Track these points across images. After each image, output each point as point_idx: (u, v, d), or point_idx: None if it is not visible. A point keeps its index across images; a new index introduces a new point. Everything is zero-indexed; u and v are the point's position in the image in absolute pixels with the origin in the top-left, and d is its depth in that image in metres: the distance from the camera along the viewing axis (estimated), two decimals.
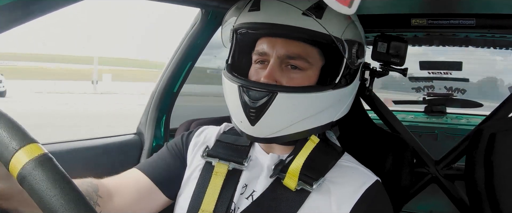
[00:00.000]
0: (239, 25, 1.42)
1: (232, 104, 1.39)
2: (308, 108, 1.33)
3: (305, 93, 1.32)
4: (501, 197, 1.75)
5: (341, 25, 1.34)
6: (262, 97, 1.29)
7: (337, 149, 1.49)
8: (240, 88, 1.33)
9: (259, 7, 1.37)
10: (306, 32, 1.30)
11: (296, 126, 1.35)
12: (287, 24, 1.30)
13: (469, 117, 4.55)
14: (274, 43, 1.37)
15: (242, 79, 1.36)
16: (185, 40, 2.20)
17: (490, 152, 1.79)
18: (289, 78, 1.35)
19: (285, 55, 1.35)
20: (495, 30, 2.24)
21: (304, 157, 1.39)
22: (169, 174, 1.54)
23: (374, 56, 1.76)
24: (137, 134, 2.30)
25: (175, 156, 1.58)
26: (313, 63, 1.37)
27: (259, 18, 1.36)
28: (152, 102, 2.28)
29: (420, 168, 2.34)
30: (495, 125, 1.87)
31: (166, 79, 2.25)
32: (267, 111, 1.29)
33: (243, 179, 1.44)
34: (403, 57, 1.69)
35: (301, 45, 1.36)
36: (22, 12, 1.07)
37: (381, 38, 1.72)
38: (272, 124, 1.33)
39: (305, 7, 1.30)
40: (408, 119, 4.38)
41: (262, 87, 1.31)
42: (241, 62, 1.50)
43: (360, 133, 1.84)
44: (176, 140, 1.64)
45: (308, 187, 1.33)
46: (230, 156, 1.48)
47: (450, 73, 4.50)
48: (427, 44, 3.66)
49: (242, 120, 1.35)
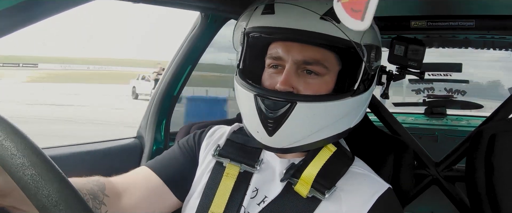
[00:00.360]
0: (252, 29, 1.37)
1: (247, 113, 1.35)
2: (327, 117, 1.29)
3: (325, 102, 1.27)
4: (502, 199, 1.75)
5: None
6: (281, 107, 1.24)
7: (348, 155, 1.45)
8: (257, 97, 1.28)
9: (273, 10, 1.31)
10: (325, 37, 1.25)
11: (316, 135, 1.31)
12: (305, 29, 1.25)
13: (469, 118, 4.55)
14: (290, 48, 1.31)
15: (258, 87, 1.31)
16: (185, 43, 2.20)
17: (490, 154, 1.79)
18: (306, 83, 1.30)
19: (302, 60, 1.30)
20: (495, 31, 2.24)
21: (319, 165, 1.35)
22: (181, 175, 1.48)
23: (391, 59, 1.72)
24: (137, 137, 2.29)
25: (187, 155, 1.52)
26: (330, 69, 1.32)
27: (275, 22, 1.30)
28: (152, 105, 2.28)
29: (421, 170, 2.34)
30: (496, 126, 1.87)
31: (166, 83, 2.25)
32: (286, 122, 1.24)
33: (253, 183, 1.40)
34: (421, 60, 1.66)
35: (318, 50, 1.30)
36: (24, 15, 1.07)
37: (399, 41, 1.69)
38: (290, 135, 1.28)
39: (323, 11, 1.25)
40: (408, 121, 4.38)
41: (280, 96, 1.25)
42: (253, 67, 1.43)
43: (361, 136, 1.84)
44: (188, 138, 1.58)
45: (320, 195, 1.30)
46: (241, 158, 1.43)
47: (450, 75, 4.50)
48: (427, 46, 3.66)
49: (259, 130, 1.30)
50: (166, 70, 2.26)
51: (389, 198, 1.34)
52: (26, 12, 1.07)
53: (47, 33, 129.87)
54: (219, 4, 1.95)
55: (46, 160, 0.70)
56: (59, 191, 0.69)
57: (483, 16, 2.06)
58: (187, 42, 2.19)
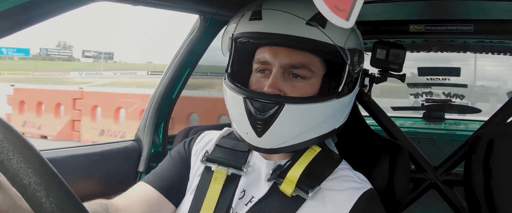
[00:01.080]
0: (240, 34, 1.41)
1: (236, 115, 1.39)
2: (314, 118, 1.34)
3: (311, 104, 1.32)
4: (500, 203, 1.75)
5: (343, 34, 1.34)
6: (269, 109, 1.28)
7: (335, 157, 1.50)
8: (246, 100, 1.32)
9: (260, 16, 1.36)
10: (311, 42, 1.30)
11: (302, 136, 1.35)
12: (291, 34, 1.30)
13: (467, 122, 4.55)
14: (277, 52, 1.36)
15: (247, 90, 1.36)
16: (183, 46, 2.20)
17: (488, 158, 1.79)
18: (293, 87, 1.35)
19: (289, 64, 1.35)
20: (493, 35, 2.25)
21: (303, 165, 1.39)
22: (176, 183, 1.53)
23: (373, 62, 1.76)
24: (135, 140, 2.29)
25: (180, 164, 1.58)
26: (315, 72, 1.37)
27: (262, 28, 1.35)
28: (150, 108, 2.28)
29: (419, 174, 2.33)
30: (494, 131, 1.87)
31: (165, 86, 2.25)
32: (274, 123, 1.29)
33: (241, 185, 1.44)
34: (402, 63, 1.70)
35: (304, 54, 1.35)
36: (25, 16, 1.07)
37: (380, 45, 1.72)
38: (279, 135, 1.33)
39: (309, 16, 1.29)
40: (406, 125, 4.38)
41: (269, 98, 1.30)
42: (241, 71, 1.49)
43: (357, 140, 1.84)
44: (179, 147, 1.64)
45: (303, 194, 1.34)
46: (229, 161, 1.48)
47: (448, 79, 4.50)
48: (425, 50, 3.66)
49: (248, 131, 1.34)
50: (165, 73, 2.26)
51: (369, 198, 1.38)
52: (26, 14, 1.07)
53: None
54: (218, 7, 1.95)
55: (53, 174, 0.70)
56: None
57: (482, 20, 2.06)
58: (186, 45, 2.19)
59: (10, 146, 0.71)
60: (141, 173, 2.21)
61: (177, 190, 1.52)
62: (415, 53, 3.59)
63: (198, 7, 1.93)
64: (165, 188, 1.50)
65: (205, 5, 1.91)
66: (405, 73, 1.72)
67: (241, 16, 1.42)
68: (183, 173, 1.56)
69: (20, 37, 54.13)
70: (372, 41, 2.61)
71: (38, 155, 0.73)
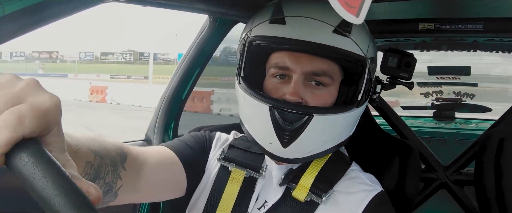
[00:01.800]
0: (259, 37, 1.36)
1: (259, 124, 1.34)
2: (337, 127, 1.33)
3: (338, 114, 1.31)
4: (511, 203, 1.74)
5: (365, 42, 1.32)
6: (298, 119, 1.25)
7: (345, 159, 1.49)
8: (272, 110, 1.27)
9: (284, 20, 1.31)
10: (337, 51, 1.27)
11: (325, 145, 1.34)
12: (318, 41, 1.26)
13: (478, 122, 4.53)
14: (299, 58, 1.31)
15: (272, 99, 1.31)
16: (193, 46, 2.20)
17: (499, 157, 1.78)
18: (314, 94, 1.32)
19: (311, 71, 1.31)
20: (504, 34, 2.23)
21: (316, 171, 1.38)
22: (195, 161, 1.47)
23: (383, 70, 1.75)
24: (145, 140, 2.30)
25: (201, 146, 1.52)
26: (335, 79, 1.35)
27: (286, 33, 1.30)
28: (160, 108, 2.29)
29: (429, 173, 2.33)
30: (505, 130, 1.86)
31: (175, 86, 2.26)
32: (303, 134, 1.26)
33: (257, 189, 1.43)
34: (412, 72, 1.69)
35: (326, 61, 1.31)
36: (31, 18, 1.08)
37: (392, 53, 1.71)
38: (305, 146, 1.30)
39: (336, 23, 1.27)
40: (416, 125, 4.37)
41: (298, 109, 1.26)
42: (254, 75, 1.42)
43: (367, 139, 1.84)
44: (200, 133, 1.58)
45: (317, 199, 1.33)
46: (246, 163, 1.45)
47: (458, 78, 4.49)
48: (435, 49, 3.64)
49: (272, 141, 1.30)
50: (175, 73, 2.27)
51: (381, 201, 1.36)
52: (34, 16, 1.08)
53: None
54: (227, 7, 1.95)
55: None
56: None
57: (492, 18, 2.05)
58: (195, 45, 2.19)
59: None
60: None
61: (194, 166, 1.46)
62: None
63: (208, 7, 1.94)
64: (185, 158, 1.43)
65: (215, 5, 1.92)
66: (413, 82, 1.71)
67: (258, 18, 1.38)
68: (201, 154, 1.50)
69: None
70: (381, 40, 2.61)
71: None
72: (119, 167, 1.17)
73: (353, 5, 0.86)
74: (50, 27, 1.15)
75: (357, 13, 0.86)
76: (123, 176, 1.18)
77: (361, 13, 0.86)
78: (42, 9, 1.09)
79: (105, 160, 1.08)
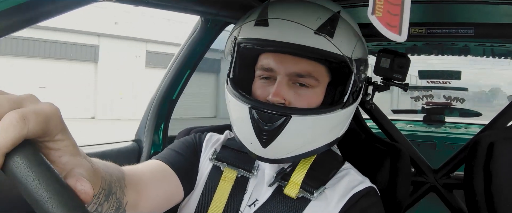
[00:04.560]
0: (244, 40, 1.38)
1: (241, 125, 1.36)
2: (319, 129, 1.33)
3: (318, 115, 1.30)
4: (500, 206, 1.75)
5: (351, 43, 1.32)
6: (276, 120, 1.26)
7: (338, 158, 1.49)
8: (251, 110, 1.29)
9: (267, 23, 1.32)
10: (319, 52, 1.27)
11: (307, 146, 1.34)
12: (300, 43, 1.27)
13: (467, 126, 4.55)
14: (283, 60, 1.33)
15: (253, 99, 1.33)
16: (184, 47, 2.19)
17: (489, 161, 1.79)
18: (298, 95, 1.33)
19: (295, 72, 1.32)
20: (494, 39, 2.24)
21: (305, 168, 1.39)
22: (188, 168, 1.48)
23: (377, 71, 1.74)
24: (135, 141, 2.29)
25: (192, 151, 1.53)
26: (320, 81, 1.35)
27: (269, 35, 1.31)
28: (151, 109, 2.28)
29: (419, 177, 2.33)
30: (494, 134, 1.87)
31: (165, 86, 2.25)
32: (281, 134, 1.27)
33: (249, 188, 1.43)
34: (405, 73, 1.68)
35: (310, 62, 1.32)
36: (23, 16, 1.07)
37: (385, 54, 1.71)
38: (284, 146, 1.31)
39: (316, 26, 1.27)
40: (406, 128, 4.38)
41: (276, 109, 1.27)
42: (244, 76, 1.46)
43: (358, 142, 1.84)
44: (190, 137, 1.59)
45: (308, 195, 1.33)
46: (238, 163, 1.46)
47: (449, 82, 4.51)
48: (426, 53, 3.67)
49: (253, 141, 1.32)
50: (165, 73, 2.26)
51: (367, 193, 1.37)
52: (26, 14, 1.07)
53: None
54: (219, 9, 1.95)
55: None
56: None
57: (483, 24, 2.06)
58: (186, 46, 2.18)
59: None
60: None
61: (188, 173, 1.47)
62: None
63: (199, 8, 1.93)
64: (178, 168, 1.43)
65: (206, 7, 1.91)
66: (408, 83, 1.70)
67: (245, 20, 1.39)
68: (193, 160, 1.51)
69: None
70: (373, 44, 2.61)
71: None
72: (122, 183, 1.14)
73: (394, 24, 0.92)
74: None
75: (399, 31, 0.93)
76: (126, 192, 1.15)
77: (403, 31, 0.92)
78: (33, 7, 1.08)
79: (113, 176, 1.06)
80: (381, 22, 0.93)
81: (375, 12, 0.92)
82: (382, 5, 0.92)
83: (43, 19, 1.13)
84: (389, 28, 0.93)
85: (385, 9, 0.92)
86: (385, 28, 0.93)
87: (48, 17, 1.14)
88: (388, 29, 0.93)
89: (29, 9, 1.07)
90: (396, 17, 0.92)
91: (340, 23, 1.32)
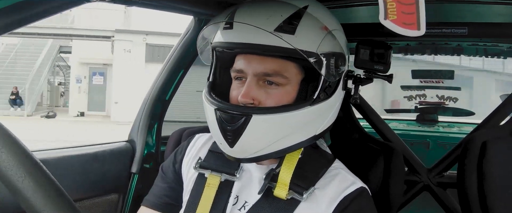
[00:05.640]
0: (216, 43, 1.43)
1: (211, 126, 1.39)
2: (286, 127, 1.33)
3: (280, 113, 1.31)
4: (493, 205, 1.75)
5: (316, 38, 1.32)
6: (237, 120, 1.28)
7: (328, 156, 1.49)
8: (216, 111, 1.33)
9: (232, 25, 1.36)
10: (278, 49, 1.29)
11: (276, 144, 1.34)
12: (259, 43, 1.30)
13: (460, 125, 4.57)
14: (250, 60, 1.35)
15: (218, 101, 1.36)
16: (177, 48, 2.19)
17: (482, 160, 1.79)
18: (267, 94, 1.34)
19: (262, 72, 1.34)
20: (487, 38, 2.25)
21: (292, 167, 1.39)
22: (174, 197, 1.56)
23: (357, 63, 1.71)
24: (128, 141, 2.29)
25: (172, 178, 1.59)
26: (290, 79, 1.36)
27: (233, 38, 1.36)
28: (144, 109, 2.28)
29: (412, 176, 2.34)
30: (487, 133, 1.87)
31: (158, 87, 2.25)
32: (244, 133, 1.29)
33: (234, 190, 1.45)
34: (386, 63, 1.66)
35: (278, 61, 1.34)
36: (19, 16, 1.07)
37: (363, 45, 1.68)
38: (250, 145, 1.32)
39: (276, 23, 1.29)
40: (400, 128, 4.39)
41: (236, 109, 1.31)
42: (223, 79, 1.50)
43: (351, 142, 1.84)
44: (170, 160, 1.64)
45: (298, 196, 1.34)
46: (222, 168, 1.47)
47: (442, 82, 4.52)
48: (419, 53, 3.68)
49: (221, 142, 1.35)
50: (158, 74, 2.26)
51: (359, 194, 1.37)
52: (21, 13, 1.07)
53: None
54: (212, 9, 1.95)
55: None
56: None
57: (476, 23, 2.06)
58: (179, 47, 2.18)
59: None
60: (134, 174, 2.21)
61: (176, 203, 1.55)
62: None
63: (193, 8, 1.93)
64: (164, 205, 1.54)
65: (200, 7, 1.91)
66: (392, 74, 1.67)
67: (218, 24, 1.43)
68: (175, 186, 1.58)
69: None
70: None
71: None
72: None
73: (411, 22, 0.98)
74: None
75: (417, 26, 0.98)
76: None
77: (421, 25, 0.97)
78: (27, 7, 1.08)
79: None
80: (396, 24, 0.98)
81: (388, 16, 0.98)
82: (395, 8, 0.97)
83: (37, 19, 1.14)
84: (407, 26, 0.98)
85: (399, 11, 0.97)
86: (403, 27, 0.98)
87: (42, 17, 1.15)
88: (406, 28, 0.98)
89: (24, 9, 1.07)
90: (412, 15, 0.96)
91: (304, 18, 1.33)
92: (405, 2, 0.94)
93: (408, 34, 0.96)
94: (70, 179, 1.92)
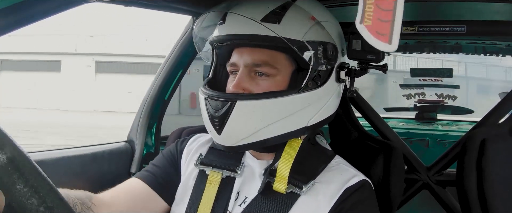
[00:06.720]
0: (212, 39, 1.48)
1: (203, 116, 1.42)
2: (271, 113, 1.34)
3: (264, 99, 1.34)
4: (492, 203, 1.75)
5: (302, 27, 1.35)
6: (223, 106, 1.32)
7: (328, 153, 1.50)
8: (206, 100, 1.38)
9: (224, 20, 1.42)
10: (265, 39, 1.33)
11: (263, 132, 1.36)
12: (247, 33, 1.35)
13: (459, 123, 4.56)
14: (242, 53, 1.41)
15: (208, 91, 1.40)
16: (176, 47, 2.19)
17: (481, 158, 1.79)
18: (257, 85, 1.38)
19: (252, 63, 1.38)
20: (486, 37, 2.25)
21: (290, 160, 1.40)
22: (167, 180, 1.56)
23: (350, 55, 1.70)
24: (127, 141, 2.28)
25: (170, 162, 1.61)
26: (281, 69, 1.39)
27: (225, 31, 1.43)
28: (143, 109, 2.27)
29: (411, 174, 2.33)
30: (486, 131, 1.87)
31: (157, 87, 2.24)
32: (229, 119, 1.32)
33: (236, 187, 1.46)
34: (379, 53, 1.64)
35: (267, 51, 1.38)
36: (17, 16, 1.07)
37: (354, 35, 1.66)
38: (236, 132, 1.35)
39: (261, 16, 1.33)
40: (399, 126, 4.38)
41: (222, 96, 1.36)
42: (222, 76, 1.54)
43: (350, 140, 1.84)
44: (171, 147, 1.66)
45: (298, 190, 1.36)
46: (223, 164, 1.49)
47: (441, 80, 4.51)
48: (418, 51, 3.68)
49: (211, 130, 1.39)
50: (157, 74, 2.25)
51: (360, 186, 1.39)
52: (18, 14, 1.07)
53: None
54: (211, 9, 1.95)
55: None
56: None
57: (474, 21, 2.06)
58: (178, 47, 2.18)
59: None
60: (133, 175, 2.21)
61: (166, 185, 1.56)
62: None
63: (191, 8, 1.93)
64: (156, 183, 1.55)
65: (198, 7, 1.91)
66: (386, 63, 1.65)
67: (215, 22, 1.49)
68: (172, 171, 1.59)
69: None
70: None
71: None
72: (87, 202, 1.39)
73: (383, 32, 0.88)
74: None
75: (389, 39, 0.87)
76: (94, 209, 1.40)
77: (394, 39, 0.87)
78: (26, 8, 1.08)
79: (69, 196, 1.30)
80: (370, 31, 0.89)
81: (363, 21, 0.88)
82: (372, 12, 0.87)
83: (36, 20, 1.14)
84: (378, 36, 0.88)
85: (375, 17, 0.87)
86: (374, 37, 0.88)
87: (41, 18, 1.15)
88: (377, 38, 0.88)
89: (22, 10, 1.07)
90: (386, 23, 0.87)
91: (291, 9, 1.38)
92: (384, 7, 0.86)
93: (378, 47, 0.88)
94: (68, 180, 1.92)
